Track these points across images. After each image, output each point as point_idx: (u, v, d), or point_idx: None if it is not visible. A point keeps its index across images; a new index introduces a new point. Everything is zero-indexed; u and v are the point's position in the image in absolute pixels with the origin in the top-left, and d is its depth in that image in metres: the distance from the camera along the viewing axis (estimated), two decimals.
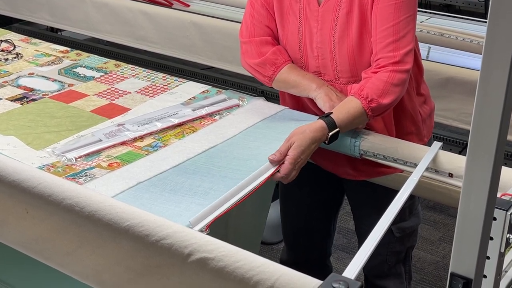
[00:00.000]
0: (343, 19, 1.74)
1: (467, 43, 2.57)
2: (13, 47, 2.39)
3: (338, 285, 1.00)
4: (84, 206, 1.22)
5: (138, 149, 1.70)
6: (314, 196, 2.06)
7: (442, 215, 3.14)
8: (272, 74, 1.85)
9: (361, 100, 1.67)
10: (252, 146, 1.71)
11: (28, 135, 1.75)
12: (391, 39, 1.68)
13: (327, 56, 1.78)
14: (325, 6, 1.76)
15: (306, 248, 2.16)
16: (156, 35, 3.15)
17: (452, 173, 1.61)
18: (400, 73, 1.68)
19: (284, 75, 1.83)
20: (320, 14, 1.77)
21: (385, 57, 1.68)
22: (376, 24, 1.70)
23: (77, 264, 1.28)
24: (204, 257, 1.10)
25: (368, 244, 1.23)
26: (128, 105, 1.95)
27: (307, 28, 1.80)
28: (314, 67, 1.82)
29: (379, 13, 1.69)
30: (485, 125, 0.89)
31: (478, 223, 0.95)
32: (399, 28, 1.68)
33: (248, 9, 1.90)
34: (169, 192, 1.49)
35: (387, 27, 1.68)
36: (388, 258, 1.98)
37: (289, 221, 2.16)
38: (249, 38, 1.88)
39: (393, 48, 1.68)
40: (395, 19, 1.68)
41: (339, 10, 1.74)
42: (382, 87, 1.67)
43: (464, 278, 0.99)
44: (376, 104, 1.68)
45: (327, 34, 1.77)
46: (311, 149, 1.63)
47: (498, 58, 0.86)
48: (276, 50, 1.85)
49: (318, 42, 1.79)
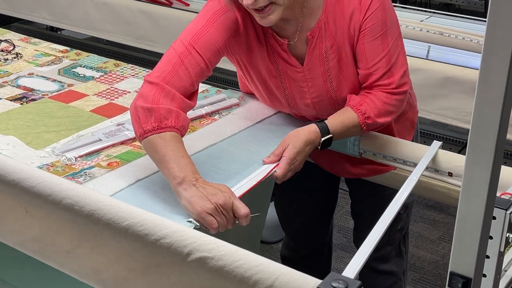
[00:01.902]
0: (336, 68, 1.68)
1: (467, 42, 2.57)
2: (13, 47, 2.39)
3: (338, 284, 1.00)
4: (83, 205, 1.23)
5: (138, 148, 1.70)
6: (309, 195, 2.07)
7: (441, 214, 3.14)
8: (150, 130, 1.47)
9: (358, 114, 1.65)
10: (251, 150, 1.71)
11: (27, 135, 1.75)
12: (385, 69, 1.65)
13: (325, 103, 1.74)
14: (310, 63, 1.68)
15: (306, 239, 2.19)
16: (156, 34, 3.15)
17: (452, 172, 1.61)
18: (398, 95, 1.67)
19: (158, 141, 1.46)
20: (307, 73, 1.70)
21: (382, 84, 1.66)
22: (367, 59, 1.65)
23: (77, 263, 1.28)
24: (204, 256, 1.10)
25: (368, 243, 1.23)
26: (128, 105, 1.95)
27: (295, 90, 1.73)
28: (309, 115, 1.79)
29: (368, 49, 1.64)
30: (485, 124, 0.89)
31: (478, 222, 0.95)
32: (390, 56, 1.64)
33: (180, 48, 1.61)
34: (168, 190, 1.49)
35: (378, 60, 1.64)
36: (390, 238, 1.98)
37: (287, 218, 2.18)
38: (160, 81, 1.54)
39: (388, 76, 1.65)
40: (385, 49, 1.64)
41: (327, 62, 1.68)
42: (380, 107, 1.66)
43: (463, 277, 0.99)
44: (372, 121, 1.66)
45: (321, 87, 1.71)
46: (306, 151, 1.62)
47: (498, 57, 0.85)
48: (173, 111, 1.50)
49: (314, 97, 1.73)
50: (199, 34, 1.61)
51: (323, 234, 2.19)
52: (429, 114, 2.49)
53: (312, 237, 2.18)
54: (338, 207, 2.33)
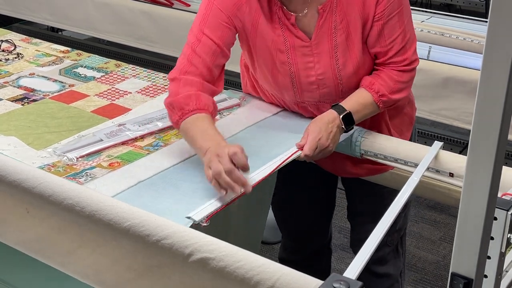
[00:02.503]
0: (343, 45, 1.69)
1: (467, 42, 2.57)
2: (14, 47, 2.39)
3: (339, 285, 1.00)
4: (84, 206, 1.23)
5: (139, 148, 1.70)
6: (310, 195, 2.07)
7: (442, 214, 3.14)
8: (178, 120, 1.60)
9: (372, 93, 1.70)
10: (253, 144, 1.71)
11: (29, 136, 1.75)
12: (400, 46, 1.69)
13: (331, 84, 1.73)
14: (318, 38, 1.68)
15: (306, 240, 2.18)
16: (156, 35, 3.15)
17: (453, 173, 1.61)
18: (409, 72, 1.72)
19: (187, 125, 1.58)
20: (315, 47, 1.70)
21: (395, 61, 1.70)
22: (384, 38, 1.68)
23: (78, 264, 1.28)
24: (205, 257, 1.10)
25: (369, 243, 1.23)
26: (129, 105, 1.95)
27: (300, 66, 1.72)
28: (312, 98, 1.77)
29: (386, 27, 1.67)
30: (486, 124, 0.89)
31: (479, 223, 0.95)
32: (405, 34, 1.69)
33: (192, 39, 1.69)
34: (170, 190, 1.49)
35: (395, 38, 1.68)
36: (388, 239, 1.97)
37: (287, 219, 2.17)
38: (178, 75, 1.65)
39: (402, 53, 1.70)
40: (401, 26, 1.68)
41: (335, 37, 1.68)
42: (392, 85, 1.71)
43: (465, 278, 0.99)
44: (387, 98, 1.71)
45: (328, 64, 1.71)
46: (329, 128, 1.64)
47: (499, 58, 0.85)
48: (192, 95, 1.60)
49: (319, 75, 1.72)
50: (205, 17, 1.68)
51: (323, 234, 2.18)
52: (430, 114, 2.50)
53: (312, 237, 2.18)
54: (339, 208, 2.33)
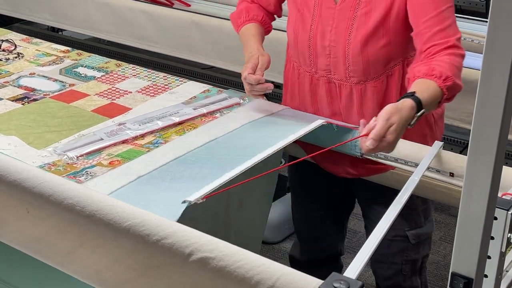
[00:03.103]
0: (361, 18, 1.72)
1: (468, 42, 2.56)
2: (14, 46, 2.39)
3: (339, 285, 1.00)
4: (84, 206, 1.23)
5: (139, 146, 1.70)
6: (326, 202, 2.06)
7: (443, 214, 3.14)
8: (237, 31, 1.99)
9: (435, 80, 1.58)
10: (251, 137, 1.72)
11: (29, 135, 1.75)
12: (438, 27, 1.63)
13: (340, 55, 1.76)
14: (343, 5, 1.75)
15: (319, 250, 2.16)
16: (157, 35, 3.15)
17: (453, 173, 1.61)
18: (458, 57, 1.63)
19: (240, 35, 1.97)
20: (337, 13, 1.76)
21: (437, 44, 1.63)
22: (417, 17, 1.66)
23: (78, 264, 1.28)
24: (205, 257, 1.10)
25: (369, 243, 1.23)
26: (129, 105, 1.96)
27: (319, 26, 1.78)
28: (324, 65, 1.80)
29: (418, 6, 1.66)
30: (486, 124, 0.89)
31: (479, 222, 0.95)
32: (443, 18, 1.64)
33: None
34: (169, 182, 1.49)
35: (430, 17, 1.64)
36: (403, 268, 1.96)
37: (302, 227, 2.15)
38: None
39: (443, 36, 1.63)
40: (437, 9, 1.64)
41: (357, 10, 1.73)
42: (449, 68, 1.58)
43: (465, 277, 0.99)
44: (451, 82, 1.57)
45: (342, 32, 1.75)
46: (403, 131, 1.53)
47: (499, 57, 0.86)
48: (243, 9, 1.98)
49: (332, 41, 1.77)
50: None
51: (336, 239, 2.16)
52: None
53: (325, 241, 2.15)
54: None
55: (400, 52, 1.76)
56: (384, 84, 1.78)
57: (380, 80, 1.78)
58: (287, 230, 2.96)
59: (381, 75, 1.77)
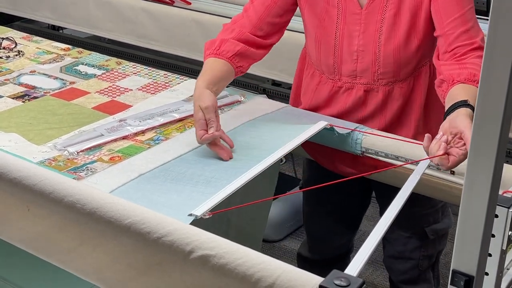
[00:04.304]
0: (390, 20, 1.71)
1: None
2: (15, 44, 2.39)
3: (340, 282, 1.00)
4: (85, 204, 1.23)
5: (140, 142, 1.70)
6: (340, 203, 2.05)
7: None
8: (208, 55, 1.81)
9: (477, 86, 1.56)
10: (254, 135, 1.72)
11: (29, 132, 1.75)
12: (463, 28, 1.65)
13: (368, 58, 1.75)
14: (369, 8, 1.73)
15: (330, 249, 2.16)
16: (157, 33, 3.15)
17: (454, 171, 1.61)
18: None
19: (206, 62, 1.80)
20: (364, 17, 1.74)
21: (463, 44, 1.64)
22: (441, 18, 1.67)
23: (79, 262, 1.28)
24: (206, 255, 1.10)
25: (370, 241, 1.23)
26: (130, 102, 1.96)
27: (345, 33, 1.75)
28: (349, 71, 1.78)
29: (442, 7, 1.67)
30: (487, 122, 0.89)
31: (480, 220, 0.95)
32: (466, 19, 1.66)
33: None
34: (170, 182, 1.49)
35: (454, 18, 1.65)
36: (420, 263, 1.97)
37: (314, 228, 2.15)
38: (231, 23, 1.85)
39: (469, 36, 1.65)
40: (460, 10, 1.66)
41: (385, 12, 1.72)
42: None
43: (465, 275, 0.99)
44: None
45: (371, 36, 1.73)
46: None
47: (500, 56, 0.85)
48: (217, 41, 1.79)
49: (360, 45, 1.74)
50: None
51: (348, 239, 2.16)
52: None
53: (337, 241, 2.15)
54: None
55: (428, 52, 1.77)
56: (411, 84, 1.79)
57: (408, 81, 1.78)
58: (288, 228, 2.97)
59: (409, 76, 1.78)
